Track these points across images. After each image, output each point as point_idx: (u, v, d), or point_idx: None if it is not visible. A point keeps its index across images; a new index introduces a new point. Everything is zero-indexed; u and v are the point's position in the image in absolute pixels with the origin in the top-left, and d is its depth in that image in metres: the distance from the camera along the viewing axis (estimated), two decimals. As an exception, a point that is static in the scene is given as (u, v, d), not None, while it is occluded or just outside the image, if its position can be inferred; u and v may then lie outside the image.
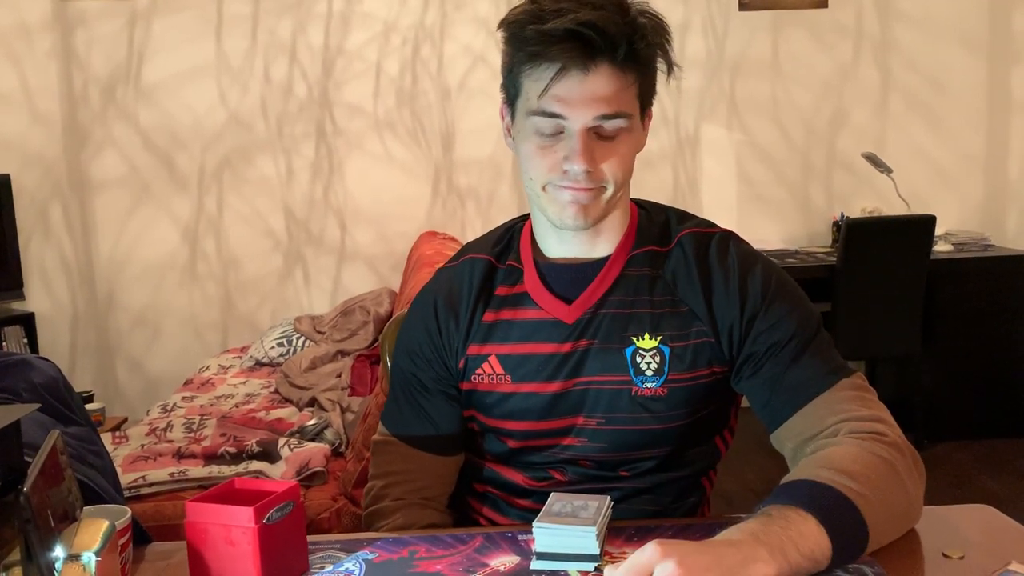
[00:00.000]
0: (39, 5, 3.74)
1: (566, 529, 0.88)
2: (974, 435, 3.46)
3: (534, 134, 1.02)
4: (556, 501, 0.94)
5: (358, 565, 0.90)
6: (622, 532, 0.95)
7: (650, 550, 0.77)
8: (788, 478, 0.92)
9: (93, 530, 0.74)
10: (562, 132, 1.00)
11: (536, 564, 0.88)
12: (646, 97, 1.05)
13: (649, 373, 1.05)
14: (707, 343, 1.06)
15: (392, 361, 1.22)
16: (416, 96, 3.88)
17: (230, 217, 3.90)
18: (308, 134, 3.88)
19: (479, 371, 1.11)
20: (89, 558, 0.71)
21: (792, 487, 0.89)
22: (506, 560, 0.90)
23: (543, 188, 1.03)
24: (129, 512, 0.86)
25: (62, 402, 1.01)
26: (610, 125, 1.00)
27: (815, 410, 1.00)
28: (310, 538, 0.95)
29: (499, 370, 1.09)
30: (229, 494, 0.89)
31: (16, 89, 3.77)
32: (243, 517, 0.82)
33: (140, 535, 0.97)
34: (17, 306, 3.86)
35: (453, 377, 1.13)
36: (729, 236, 1.11)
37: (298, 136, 3.87)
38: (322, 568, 0.90)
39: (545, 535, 0.88)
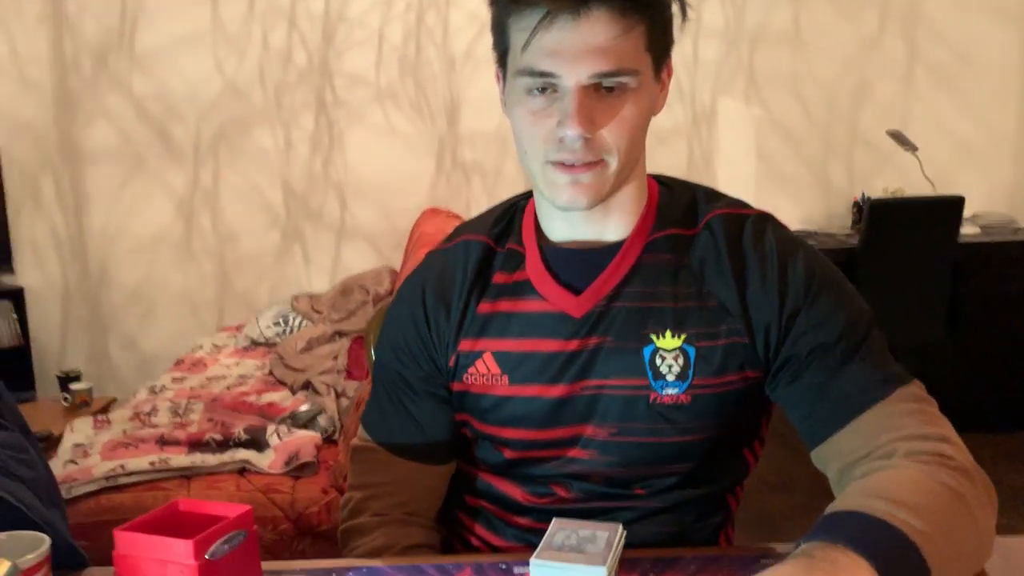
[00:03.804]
0: (28, -33, 3.59)
1: (570, 569, 0.74)
2: (1000, 428, 3.31)
3: (525, 95, 0.87)
4: (559, 531, 0.80)
5: (323, 603, 0.77)
6: (637, 565, 0.81)
7: None
8: (834, 507, 0.77)
9: (-13, 574, 0.60)
10: (556, 92, 0.85)
11: None
12: (658, 48, 0.88)
13: (671, 377, 0.91)
14: (739, 344, 0.91)
15: (375, 356, 1.08)
16: (420, 66, 3.71)
17: (226, 191, 3.75)
18: (307, 105, 3.72)
19: (472, 370, 0.96)
20: (-21, 610, 0.58)
21: (840, 520, 0.74)
22: (498, 600, 0.76)
23: (541, 166, 0.89)
24: (47, 542, 0.72)
25: (-15, 404, 0.87)
26: (611, 83, 0.84)
27: (866, 426, 0.85)
28: (269, 566, 0.81)
29: (495, 369, 0.95)
30: (169, 520, 0.75)
31: (4, 55, 3.62)
32: (181, 552, 0.68)
33: (73, 558, 0.84)
34: (6, 280, 3.74)
35: (443, 376, 0.99)
36: (766, 219, 0.96)
37: (297, 107, 3.72)
38: (280, 607, 0.76)
39: (545, 574, 0.74)
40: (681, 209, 0.96)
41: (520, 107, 0.88)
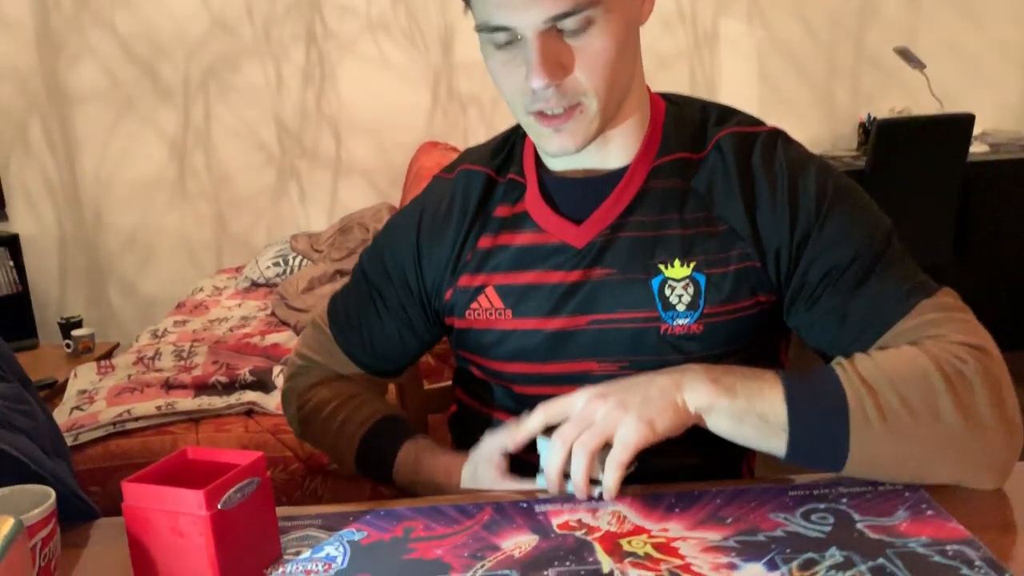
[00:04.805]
0: (0, -101, 3.44)
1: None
2: (1007, 346, 3.27)
3: (492, 48, 0.83)
4: None
5: (341, 549, 0.74)
6: (661, 500, 0.79)
7: (581, 398, 0.80)
8: None
9: (-9, 532, 0.57)
10: (520, 40, 0.80)
11: (542, 482, 0.82)
12: None
13: (681, 308, 0.87)
14: (751, 268, 0.87)
15: (360, 260, 1.07)
16: (411, -7, 3.59)
17: (219, 130, 3.67)
18: (297, 38, 3.61)
19: (475, 305, 0.94)
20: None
21: None
22: (522, 541, 0.74)
23: (523, 117, 0.86)
24: (53, 495, 0.69)
25: (-20, 355, 0.84)
26: (571, 23, 0.79)
27: (892, 343, 0.82)
28: (284, 511, 0.79)
29: (498, 303, 0.93)
30: (178, 469, 0.72)
31: (-19, -6, 3.51)
32: (192, 502, 0.66)
33: (81, 510, 0.82)
34: (1, 227, 3.69)
35: (425, 311, 1.00)
36: (777, 135, 0.91)
37: (286, 40, 3.61)
38: (298, 554, 0.74)
39: (547, 451, 0.80)
40: (689, 131, 0.92)
41: (490, 60, 0.84)
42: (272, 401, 2.12)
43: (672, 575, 0.67)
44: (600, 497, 0.78)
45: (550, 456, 0.79)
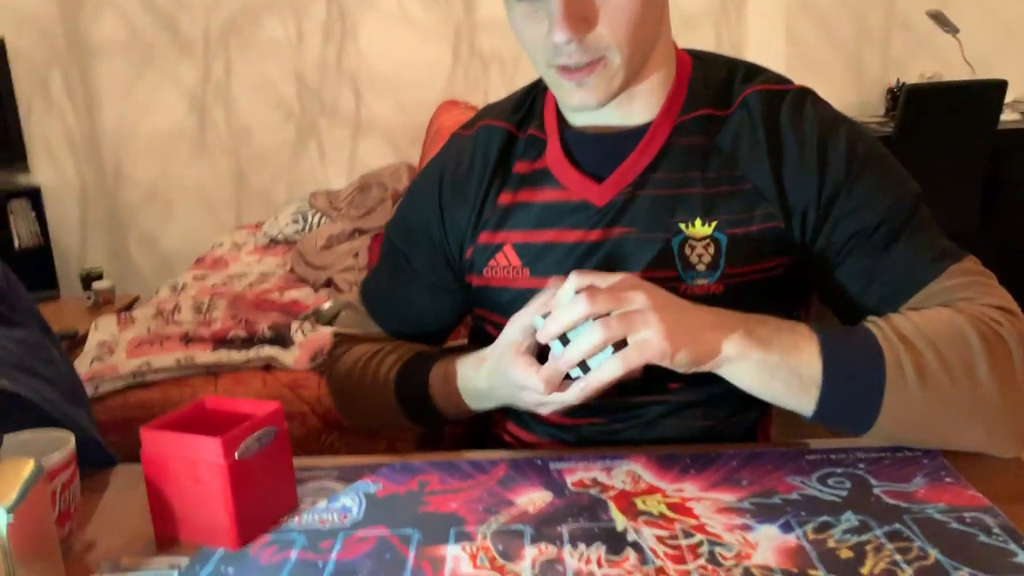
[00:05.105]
0: None
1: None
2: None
3: (515, 0, 0.81)
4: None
5: (357, 500, 0.75)
6: (676, 462, 0.79)
7: (627, 279, 0.75)
8: None
9: (11, 475, 0.58)
10: None
11: (539, 323, 0.76)
12: None
13: (700, 267, 0.86)
14: (775, 228, 0.86)
15: (386, 232, 1.05)
16: (434, -53, 3.54)
17: (239, 84, 3.66)
18: (318, -9, 3.58)
19: (492, 263, 0.93)
20: None
21: None
22: (536, 497, 0.74)
23: (545, 70, 0.84)
24: (72, 440, 0.70)
25: (2, 301, 0.84)
26: None
27: (921, 306, 0.81)
28: (301, 462, 0.80)
29: (515, 261, 0.91)
30: (197, 417, 0.73)
31: (2, -56, 3.49)
32: (210, 450, 0.66)
33: (100, 456, 0.83)
34: (22, 179, 3.71)
35: (451, 266, 0.98)
36: (806, 94, 0.89)
37: (307, -6, 3.58)
38: (314, 504, 0.75)
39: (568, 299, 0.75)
40: (715, 87, 0.90)
41: (511, 12, 0.82)
42: (290, 356, 2.13)
43: (686, 535, 0.67)
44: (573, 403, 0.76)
45: (567, 311, 0.72)
